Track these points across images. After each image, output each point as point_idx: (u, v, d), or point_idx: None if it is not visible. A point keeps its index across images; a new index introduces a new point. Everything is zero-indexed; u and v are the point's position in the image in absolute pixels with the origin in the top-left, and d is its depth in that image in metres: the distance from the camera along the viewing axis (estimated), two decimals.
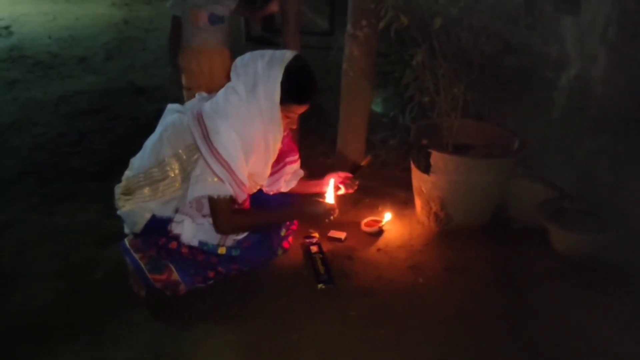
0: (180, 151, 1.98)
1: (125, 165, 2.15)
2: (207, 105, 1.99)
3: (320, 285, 2.09)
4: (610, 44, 2.16)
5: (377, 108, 3.47)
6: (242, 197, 2.01)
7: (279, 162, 2.26)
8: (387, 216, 2.53)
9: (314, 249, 2.28)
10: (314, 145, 3.31)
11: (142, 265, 1.97)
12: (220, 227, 2.02)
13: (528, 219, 2.44)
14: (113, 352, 1.80)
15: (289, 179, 2.37)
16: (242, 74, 1.95)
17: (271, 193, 2.32)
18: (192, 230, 2.07)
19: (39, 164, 3.21)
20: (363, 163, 2.52)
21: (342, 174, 2.39)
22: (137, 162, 2.08)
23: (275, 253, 2.25)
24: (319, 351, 1.80)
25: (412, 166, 2.54)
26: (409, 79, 2.47)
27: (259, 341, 1.84)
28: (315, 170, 3.02)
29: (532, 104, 2.63)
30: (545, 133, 2.55)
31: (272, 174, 2.25)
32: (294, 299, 2.04)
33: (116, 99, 4.35)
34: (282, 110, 1.96)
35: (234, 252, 2.06)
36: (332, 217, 2.21)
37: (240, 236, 2.12)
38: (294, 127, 2.12)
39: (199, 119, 1.95)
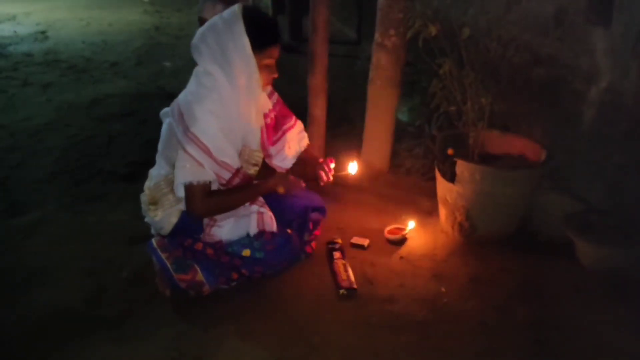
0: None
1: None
2: (181, 96, 1.98)
3: (342, 291, 2.10)
4: None
5: (403, 117, 3.47)
6: (226, 175, 1.99)
7: (277, 131, 2.25)
8: (411, 224, 2.52)
9: (336, 254, 2.29)
10: (339, 153, 3.32)
11: (168, 265, 2.01)
12: (195, 211, 1.99)
13: (554, 232, 2.41)
14: (137, 348, 1.84)
15: (294, 145, 2.32)
16: (203, 48, 1.92)
17: (281, 165, 2.28)
18: (230, 228, 2.11)
19: (71, 165, 3.30)
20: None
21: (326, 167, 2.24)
22: (155, 172, 2.13)
23: (299, 257, 2.27)
24: (340, 355, 1.81)
25: (438, 175, 2.54)
26: (435, 88, 2.47)
27: (281, 344, 1.85)
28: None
29: (561, 115, 2.60)
30: (574, 145, 2.52)
31: (274, 144, 2.24)
32: (316, 303, 2.05)
33: (146, 103, 4.44)
34: (261, 60, 1.93)
35: (258, 255, 2.09)
36: (293, 190, 2.15)
37: (223, 220, 2.12)
38: (276, 75, 2.05)
39: (178, 112, 1.94)
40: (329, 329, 1.92)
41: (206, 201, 1.98)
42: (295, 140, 2.33)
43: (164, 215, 2.08)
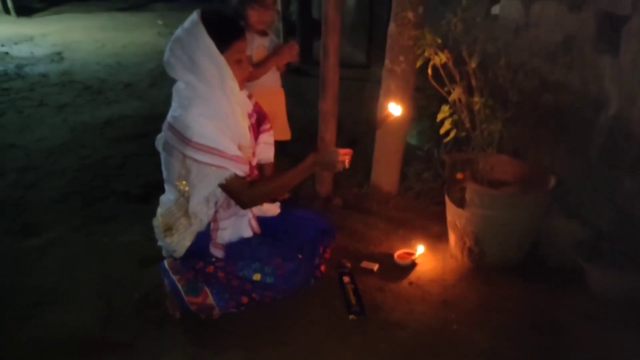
0: (182, 172, 2.02)
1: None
2: (169, 116, 2.02)
3: (351, 316, 2.10)
4: None
5: (413, 141, 3.50)
6: (244, 169, 2.00)
7: (256, 131, 2.26)
8: (420, 249, 2.53)
9: (346, 279, 2.30)
10: (348, 176, 3.35)
11: (180, 287, 2.02)
12: (244, 203, 2.04)
13: (564, 258, 2.40)
14: None
15: (262, 149, 2.33)
16: (174, 61, 1.94)
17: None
18: (231, 229, 2.15)
19: (84, 185, 3.34)
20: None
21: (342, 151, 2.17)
22: (164, 198, 2.16)
23: (308, 282, 2.28)
24: None
25: (447, 200, 2.55)
26: (445, 115, 2.50)
27: None
28: (350, 201, 3.07)
29: (570, 141, 2.61)
30: (584, 172, 2.53)
31: (257, 143, 2.27)
32: (325, 329, 2.05)
33: (159, 125, 4.39)
34: (230, 58, 1.95)
35: (269, 280, 2.10)
36: (345, 165, 2.11)
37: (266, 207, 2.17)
38: (250, 69, 2.07)
39: (172, 130, 1.98)
40: (338, 355, 1.92)
41: (250, 190, 2.02)
42: (264, 144, 2.33)
43: (179, 240, 2.11)
